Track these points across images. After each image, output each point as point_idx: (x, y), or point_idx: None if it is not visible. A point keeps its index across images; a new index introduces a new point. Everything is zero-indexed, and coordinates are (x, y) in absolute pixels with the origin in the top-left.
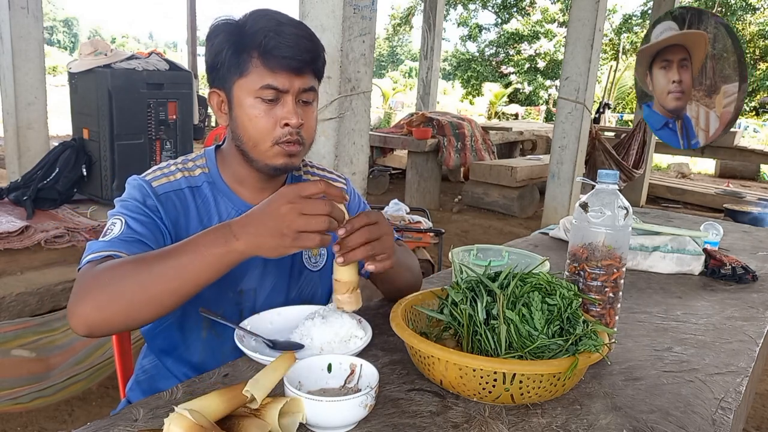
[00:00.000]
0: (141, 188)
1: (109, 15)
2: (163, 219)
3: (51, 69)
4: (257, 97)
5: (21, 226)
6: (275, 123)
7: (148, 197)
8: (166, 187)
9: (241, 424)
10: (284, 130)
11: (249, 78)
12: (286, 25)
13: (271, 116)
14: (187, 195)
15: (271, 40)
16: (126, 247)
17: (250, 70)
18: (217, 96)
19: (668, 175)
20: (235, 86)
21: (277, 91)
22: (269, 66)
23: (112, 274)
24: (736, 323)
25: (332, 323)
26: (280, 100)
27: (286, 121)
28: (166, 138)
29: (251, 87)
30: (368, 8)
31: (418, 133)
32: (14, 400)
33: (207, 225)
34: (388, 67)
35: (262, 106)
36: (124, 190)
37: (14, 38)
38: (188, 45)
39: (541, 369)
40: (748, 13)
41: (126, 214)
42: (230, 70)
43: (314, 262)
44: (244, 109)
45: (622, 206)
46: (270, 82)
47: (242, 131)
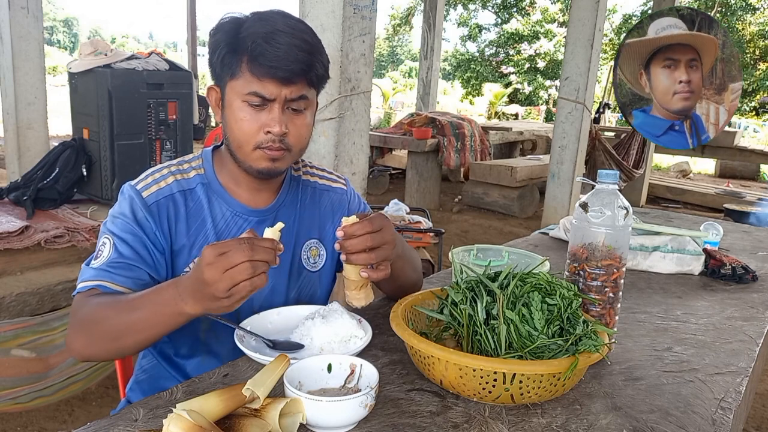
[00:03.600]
0: (131, 201)
1: (109, 15)
2: (155, 230)
3: (51, 69)
4: (244, 101)
5: (21, 226)
6: (259, 128)
7: (137, 211)
8: (156, 195)
9: (241, 423)
10: (267, 137)
11: (238, 81)
12: (281, 33)
13: (255, 121)
14: (178, 199)
15: (259, 47)
16: (111, 276)
17: (239, 74)
18: (215, 92)
19: (668, 175)
20: (228, 86)
21: (263, 99)
22: (255, 73)
23: (93, 318)
24: (736, 323)
25: (332, 323)
26: (267, 106)
27: (268, 128)
28: (166, 138)
29: (240, 90)
30: (368, 8)
31: (418, 133)
32: (14, 400)
33: (198, 230)
34: (388, 67)
35: (248, 109)
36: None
37: (14, 38)
38: (188, 45)
39: (541, 369)
40: (748, 13)
41: (115, 235)
42: (224, 70)
43: (313, 262)
44: (233, 111)
45: (622, 206)
46: (256, 90)
47: (229, 131)
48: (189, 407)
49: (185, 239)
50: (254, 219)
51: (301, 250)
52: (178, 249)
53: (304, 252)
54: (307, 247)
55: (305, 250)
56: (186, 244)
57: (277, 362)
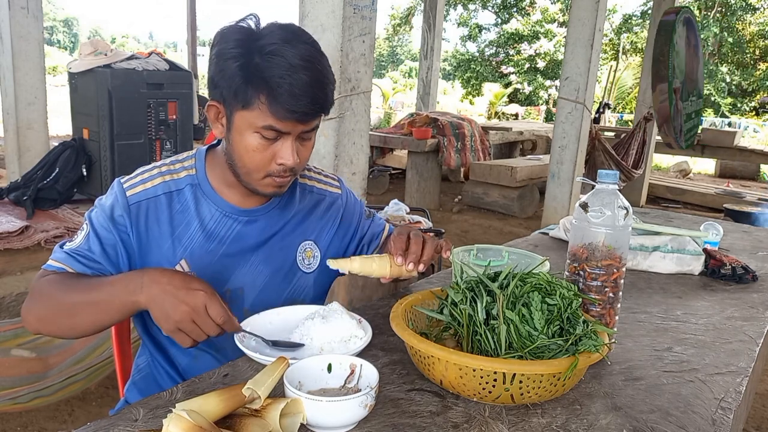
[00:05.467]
0: (115, 198)
1: (109, 15)
2: (128, 230)
3: (51, 69)
4: (257, 132)
5: (21, 226)
6: (271, 159)
7: (116, 209)
8: (140, 195)
9: (242, 423)
10: (279, 167)
11: (252, 113)
12: (300, 69)
13: (268, 152)
14: (162, 202)
15: (278, 88)
16: (75, 264)
17: (254, 107)
18: (216, 109)
19: (668, 175)
20: (238, 114)
21: (278, 132)
22: (274, 112)
23: (50, 295)
24: (736, 323)
25: (332, 323)
26: (280, 138)
27: (282, 161)
28: (166, 138)
29: (253, 122)
30: (368, 8)
31: (418, 133)
32: (13, 400)
33: (182, 232)
34: (388, 67)
35: (260, 141)
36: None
37: (14, 38)
38: (188, 45)
39: (541, 369)
40: (748, 13)
41: (93, 225)
42: (235, 98)
43: (308, 263)
44: (243, 138)
45: (622, 206)
46: (272, 125)
47: (237, 157)
48: (189, 407)
49: (168, 240)
50: (244, 219)
51: (296, 252)
52: (156, 249)
53: (299, 254)
54: (302, 249)
55: (300, 252)
56: (169, 245)
57: (277, 363)
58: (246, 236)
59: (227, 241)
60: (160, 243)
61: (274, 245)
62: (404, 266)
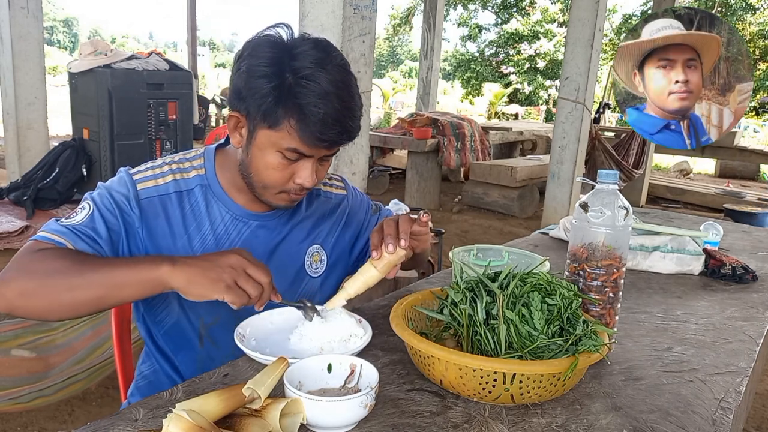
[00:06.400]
0: (125, 187)
1: (109, 15)
2: (137, 224)
3: (51, 69)
4: (279, 152)
5: (21, 226)
6: (290, 178)
7: (126, 199)
8: (152, 191)
9: (242, 423)
10: (295, 186)
11: (278, 134)
12: (334, 97)
13: (287, 171)
14: (174, 201)
15: (313, 116)
16: (75, 240)
17: (282, 128)
18: (237, 120)
19: (668, 175)
20: (262, 131)
21: (300, 155)
22: (303, 138)
23: (46, 266)
24: (736, 323)
25: (332, 323)
26: (301, 159)
27: (300, 181)
28: (166, 138)
29: (277, 142)
30: (368, 8)
31: (418, 133)
32: (14, 400)
33: (194, 232)
34: (388, 67)
35: (281, 160)
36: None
37: (14, 38)
38: (188, 45)
39: (541, 369)
40: (748, 13)
41: (97, 206)
42: (263, 117)
43: (315, 268)
44: (264, 156)
45: (622, 206)
46: (297, 148)
47: (254, 172)
48: (189, 407)
49: (182, 239)
50: (254, 223)
51: (304, 256)
52: (167, 249)
53: (308, 258)
54: (310, 253)
55: (308, 256)
56: (183, 243)
57: (277, 363)
58: (255, 241)
59: (237, 245)
60: (174, 241)
61: (282, 251)
62: (384, 253)
